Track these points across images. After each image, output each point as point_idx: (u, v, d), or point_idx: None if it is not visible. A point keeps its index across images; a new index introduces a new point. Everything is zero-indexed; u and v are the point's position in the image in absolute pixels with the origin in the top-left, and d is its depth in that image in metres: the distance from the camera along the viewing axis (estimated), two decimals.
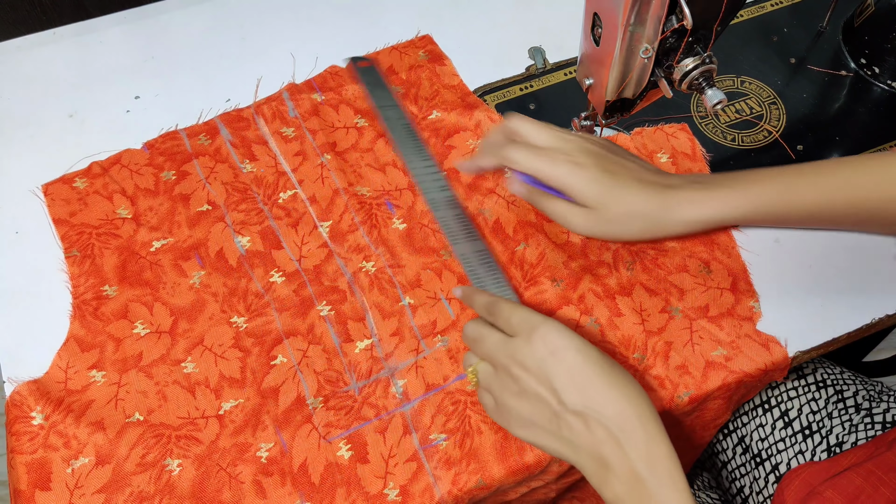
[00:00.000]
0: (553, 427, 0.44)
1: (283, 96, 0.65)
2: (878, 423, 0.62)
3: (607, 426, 0.43)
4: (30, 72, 0.67)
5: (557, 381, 0.44)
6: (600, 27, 0.49)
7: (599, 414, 0.43)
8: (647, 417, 0.43)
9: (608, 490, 0.43)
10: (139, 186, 0.59)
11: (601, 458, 0.43)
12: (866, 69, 0.69)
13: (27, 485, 0.47)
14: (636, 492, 0.42)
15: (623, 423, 0.43)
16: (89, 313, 0.53)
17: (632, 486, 0.42)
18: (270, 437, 0.50)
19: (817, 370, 0.66)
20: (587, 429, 0.43)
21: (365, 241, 0.57)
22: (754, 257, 0.57)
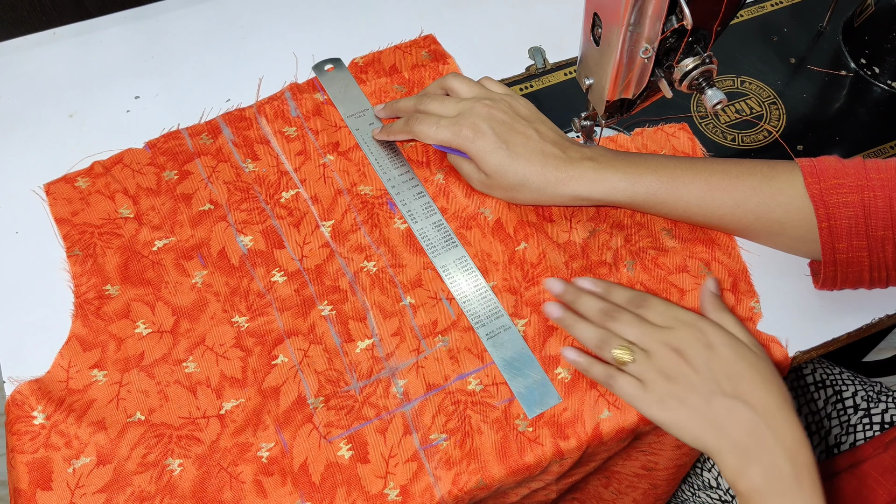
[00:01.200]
0: (703, 408, 0.45)
1: (286, 96, 0.65)
2: (877, 424, 0.62)
3: (757, 416, 0.44)
4: (30, 72, 0.67)
5: (712, 370, 0.46)
6: (600, 27, 0.49)
7: (750, 405, 0.45)
8: (793, 419, 0.45)
9: (745, 480, 0.44)
10: (141, 186, 0.59)
11: (744, 446, 0.44)
12: (866, 69, 0.69)
13: (28, 484, 0.47)
14: (776, 485, 0.43)
15: (771, 419, 0.44)
16: (91, 312, 0.53)
17: (772, 479, 0.43)
18: (271, 436, 0.50)
19: (816, 370, 0.66)
20: (736, 415, 0.45)
21: (366, 240, 0.57)
22: (754, 257, 0.57)
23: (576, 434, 0.50)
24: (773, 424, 0.44)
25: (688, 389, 0.46)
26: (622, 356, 0.48)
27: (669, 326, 0.49)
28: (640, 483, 0.62)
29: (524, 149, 0.54)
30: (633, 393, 0.48)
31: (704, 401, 0.45)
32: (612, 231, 0.58)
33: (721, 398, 0.45)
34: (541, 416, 0.51)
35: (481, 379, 0.52)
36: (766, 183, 0.52)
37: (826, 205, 0.49)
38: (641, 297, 0.51)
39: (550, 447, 0.50)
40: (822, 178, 0.50)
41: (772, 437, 0.44)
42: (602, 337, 0.49)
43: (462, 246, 0.57)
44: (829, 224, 0.49)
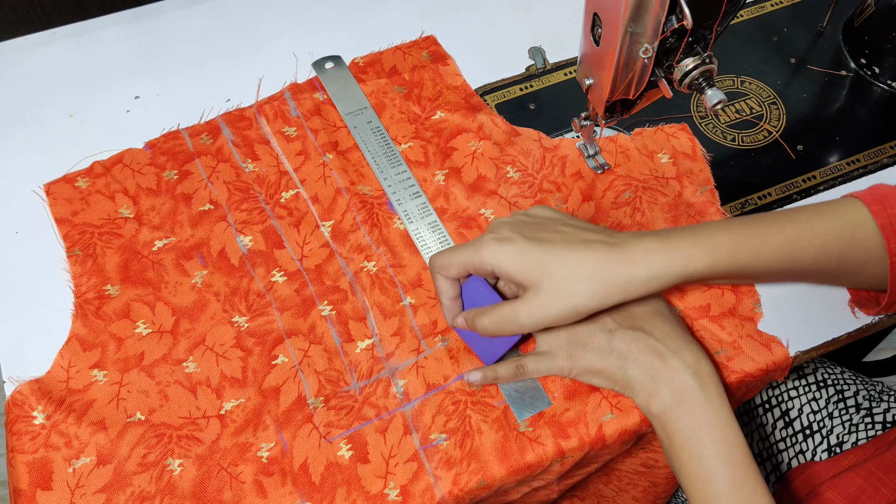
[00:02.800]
0: (604, 344, 0.49)
1: (286, 96, 0.65)
2: (879, 423, 0.62)
3: (656, 341, 0.47)
4: (30, 72, 0.67)
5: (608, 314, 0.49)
6: (600, 27, 0.49)
7: (649, 335, 0.48)
8: (688, 337, 0.48)
9: (657, 402, 0.47)
10: (141, 186, 0.59)
11: (651, 368, 0.47)
12: (866, 69, 0.69)
13: (28, 484, 0.47)
14: (686, 401, 0.46)
15: (671, 341, 0.47)
16: (91, 312, 0.53)
17: (681, 395, 0.46)
18: (271, 436, 0.50)
19: (818, 370, 0.66)
20: (638, 343, 0.48)
21: (366, 240, 0.57)
22: None
23: (577, 434, 0.50)
24: (672, 346, 0.47)
25: (587, 335, 0.49)
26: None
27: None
28: (640, 480, 0.62)
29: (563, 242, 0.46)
30: (544, 365, 0.50)
31: (606, 340, 0.49)
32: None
33: (620, 332, 0.48)
34: (541, 415, 0.51)
35: None
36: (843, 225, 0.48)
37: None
38: (518, 361, 0.51)
39: (552, 447, 0.50)
40: (889, 206, 0.47)
41: (674, 357, 0.47)
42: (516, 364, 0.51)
43: None
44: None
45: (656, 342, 0.47)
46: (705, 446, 0.45)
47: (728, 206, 0.60)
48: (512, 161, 0.61)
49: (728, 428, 0.45)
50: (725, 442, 0.45)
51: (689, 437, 0.45)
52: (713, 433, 0.45)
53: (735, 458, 0.45)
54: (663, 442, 0.48)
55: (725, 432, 0.45)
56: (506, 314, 0.46)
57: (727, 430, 0.45)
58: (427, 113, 0.64)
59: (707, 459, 0.45)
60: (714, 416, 0.45)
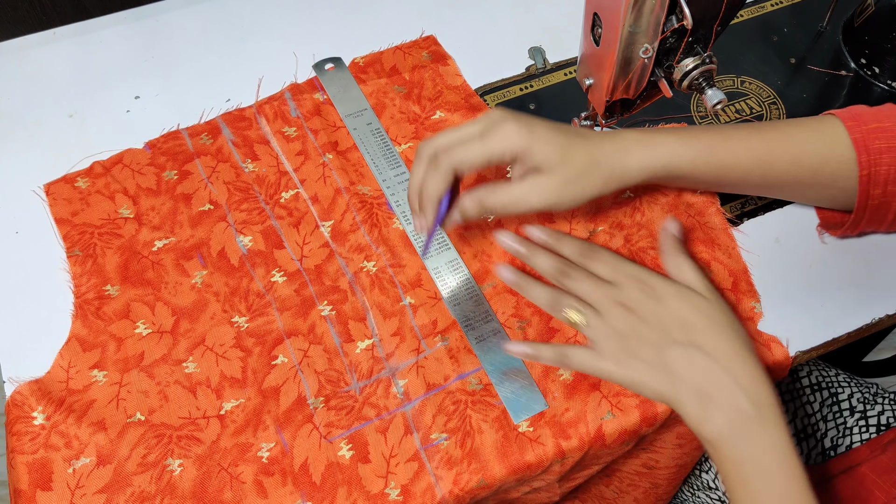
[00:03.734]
0: (657, 360, 0.45)
1: (286, 96, 0.65)
2: (873, 426, 0.62)
3: (713, 361, 0.44)
4: (30, 72, 0.67)
5: (663, 322, 0.46)
6: (600, 27, 0.49)
7: (705, 351, 0.44)
8: (751, 360, 0.44)
9: (709, 426, 0.43)
10: (141, 186, 0.59)
11: (704, 392, 0.43)
12: (866, 69, 0.69)
13: (28, 485, 0.47)
14: (740, 428, 0.42)
15: (728, 362, 0.44)
16: (91, 313, 0.53)
17: (735, 422, 0.42)
18: (271, 436, 0.50)
19: (812, 373, 0.66)
20: (692, 362, 0.44)
21: (366, 240, 0.57)
22: (755, 258, 0.57)
23: (577, 434, 0.50)
24: (730, 368, 0.44)
25: (640, 343, 0.46)
26: (573, 316, 0.48)
27: (619, 282, 0.48)
28: (641, 482, 0.62)
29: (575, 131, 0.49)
30: (589, 362, 0.48)
31: (658, 352, 0.45)
32: (612, 231, 0.58)
33: (674, 347, 0.45)
34: (542, 416, 0.51)
35: (481, 378, 0.52)
36: (818, 136, 0.49)
37: (868, 150, 0.48)
38: (591, 249, 0.50)
39: (552, 447, 0.50)
40: (863, 122, 0.49)
41: (730, 381, 0.43)
42: (554, 298, 0.49)
43: (455, 249, 0.57)
44: (868, 171, 0.48)
45: (712, 362, 0.44)
46: (760, 479, 0.41)
47: (728, 206, 0.60)
48: None
49: (787, 461, 0.41)
50: (783, 476, 0.41)
51: (744, 467, 0.42)
52: (769, 465, 0.41)
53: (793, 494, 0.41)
54: (716, 464, 0.45)
55: (783, 467, 0.41)
56: (517, 195, 0.48)
57: (785, 463, 0.41)
58: (427, 113, 0.64)
59: (762, 494, 0.41)
60: (771, 446, 0.42)
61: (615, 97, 0.53)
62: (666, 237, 0.52)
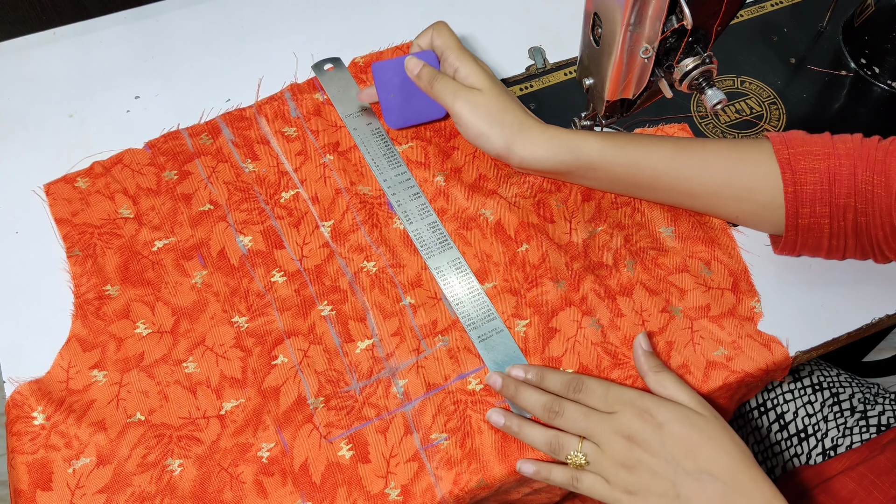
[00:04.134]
0: (671, 493, 0.45)
1: (286, 96, 0.65)
2: (873, 426, 0.62)
3: (725, 487, 0.44)
4: (30, 72, 0.67)
5: (669, 450, 0.45)
6: (600, 27, 0.49)
7: (716, 476, 0.44)
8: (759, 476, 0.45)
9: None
10: (141, 186, 0.59)
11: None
12: (866, 69, 0.69)
13: (28, 485, 0.47)
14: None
15: (739, 484, 0.44)
16: (91, 313, 0.53)
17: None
18: (271, 436, 0.50)
19: (813, 373, 0.66)
20: (705, 491, 0.44)
21: (366, 240, 0.57)
22: (755, 258, 0.57)
23: None
24: (742, 489, 0.44)
25: (650, 477, 0.45)
26: (577, 460, 0.47)
27: (613, 411, 0.47)
28: None
29: None
30: (601, 492, 0.47)
31: (671, 485, 0.45)
32: (612, 231, 0.58)
33: (686, 478, 0.44)
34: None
35: (481, 378, 0.52)
36: (734, 147, 0.53)
37: (793, 170, 0.50)
38: (578, 381, 0.49)
39: None
40: (791, 146, 0.51)
41: (742, 499, 0.44)
42: (552, 441, 0.48)
43: (457, 248, 0.57)
44: (794, 189, 0.51)
45: (725, 488, 0.44)
46: None
47: None
48: None
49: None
50: None
51: None
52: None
53: None
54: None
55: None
56: (451, 87, 0.56)
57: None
58: None
59: None
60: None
61: (615, 97, 0.53)
62: (639, 354, 0.51)
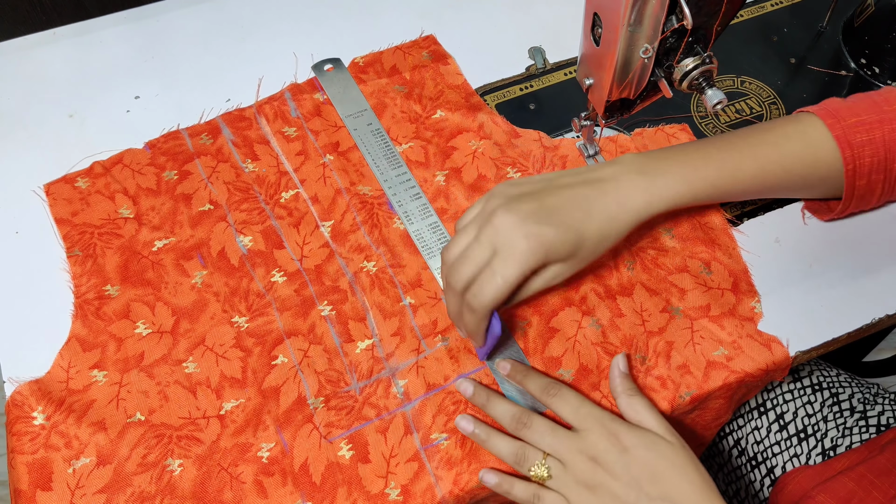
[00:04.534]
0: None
1: (286, 96, 0.65)
2: (873, 426, 0.62)
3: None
4: (30, 72, 0.67)
5: (632, 475, 0.45)
6: (600, 27, 0.49)
7: (674, 502, 0.44)
8: (719, 502, 0.45)
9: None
10: (141, 186, 0.59)
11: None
12: (866, 69, 0.69)
13: (28, 485, 0.47)
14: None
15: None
16: (91, 313, 0.53)
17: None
18: (271, 436, 0.50)
19: (813, 373, 0.66)
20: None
21: (366, 240, 0.57)
22: (754, 258, 0.57)
23: None
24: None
25: (611, 500, 0.45)
26: (540, 474, 0.47)
27: (582, 428, 0.47)
28: None
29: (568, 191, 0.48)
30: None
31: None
32: None
33: (648, 502, 0.44)
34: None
35: (481, 379, 0.52)
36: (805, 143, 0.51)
37: (851, 145, 0.51)
38: (555, 386, 0.49)
39: None
40: (841, 117, 0.51)
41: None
42: (517, 452, 0.48)
43: None
44: (853, 165, 0.51)
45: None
46: None
47: (728, 206, 0.60)
48: (512, 162, 0.61)
49: None
50: None
51: None
52: None
53: None
54: None
55: None
56: (537, 287, 0.48)
57: None
58: (427, 112, 0.64)
59: None
60: None
61: (615, 97, 0.53)
62: (615, 375, 0.50)
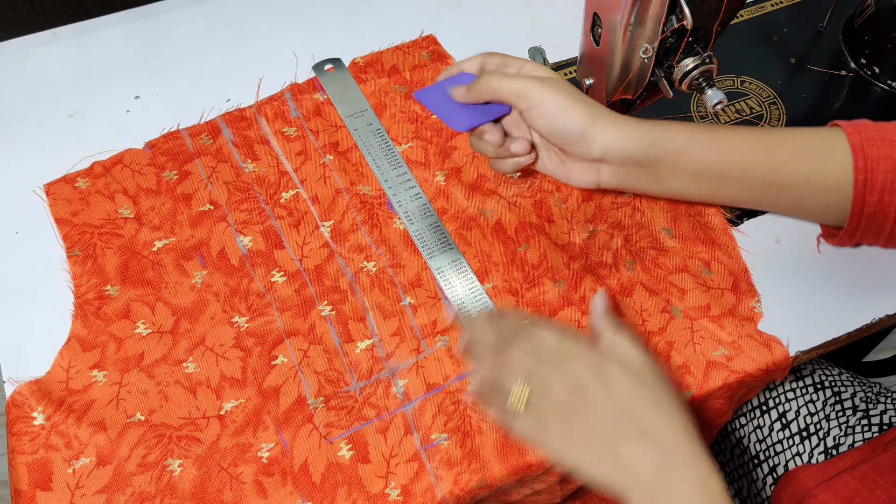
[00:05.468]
0: (606, 451, 0.43)
1: (286, 96, 0.65)
2: (875, 425, 0.62)
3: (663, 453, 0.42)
4: (30, 72, 0.67)
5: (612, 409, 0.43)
6: (600, 27, 0.49)
7: (656, 441, 0.42)
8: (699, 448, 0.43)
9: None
10: (141, 186, 0.59)
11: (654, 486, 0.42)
12: (866, 69, 0.69)
13: (28, 485, 0.47)
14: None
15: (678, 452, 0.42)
16: (91, 313, 0.53)
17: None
18: (271, 437, 0.50)
19: (815, 371, 0.66)
20: (642, 454, 0.42)
21: (366, 240, 0.57)
22: (754, 258, 0.57)
23: None
24: (680, 457, 0.42)
25: (589, 432, 0.43)
26: (520, 394, 0.45)
27: (563, 359, 0.45)
28: None
29: None
30: (532, 433, 0.45)
31: (607, 443, 0.43)
32: (612, 231, 0.58)
33: (624, 438, 0.43)
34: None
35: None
36: (819, 137, 0.50)
37: (866, 156, 0.49)
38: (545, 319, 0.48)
39: None
40: (863, 131, 0.50)
41: (681, 471, 0.42)
42: (501, 371, 0.46)
43: (458, 248, 0.57)
44: (865, 177, 0.49)
45: (663, 455, 0.42)
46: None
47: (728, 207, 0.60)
48: None
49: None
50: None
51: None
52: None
53: None
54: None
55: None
56: (514, 79, 0.51)
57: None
58: (428, 112, 0.64)
59: None
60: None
61: (615, 97, 0.53)
62: (597, 314, 0.49)
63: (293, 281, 0.55)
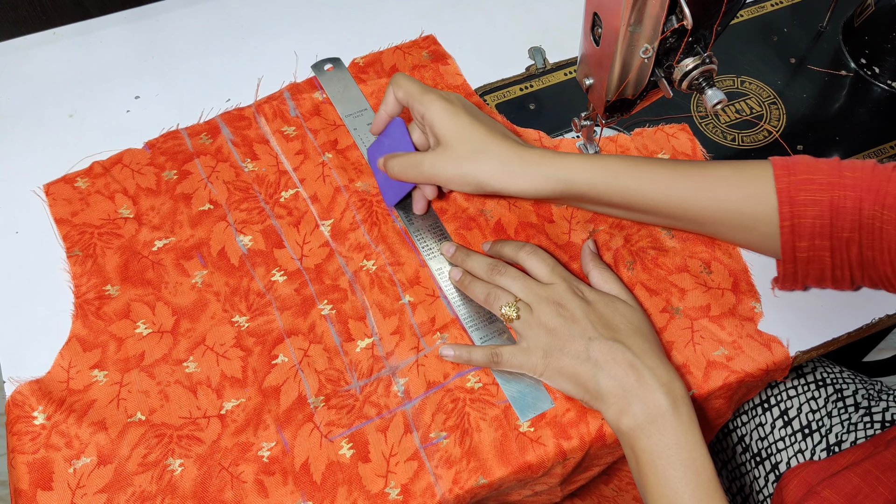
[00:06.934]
0: (583, 353, 0.49)
1: (285, 95, 0.65)
2: (878, 423, 0.62)
3: (634, 356, 0.48)
4: (30, 72, 0.67)
5: (589, 319, 0.50)
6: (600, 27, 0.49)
7: (627, 346, 0.48)
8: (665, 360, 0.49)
9: (627, 418, 0.47)
10: (141, 186, 0.59)
11: (626, 385, 0.47)
12: (866, 69, 0.69)
13: (29, 485, 0.47)
14: (657, 419, 0.46)
15: (647, 359, 0.48)
16: (91, 313, 0.53)
17: (653, 413, 0.46)
18: (272, 436, 0.50)
19: (817, 369, 0.66)
20: (615, 356, 0.48)
21: (365, 239, 0.57)
22: (755, 257, 0.57)
23: (578, 434, 0.50)
24: (648, 363, 0.47)
25: (568, 339, 0.49)
26: (509, 314, 0.51)
27: (552, 283, 0.52)
28: None
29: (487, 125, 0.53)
30: (518, 359, 0.50)
31: (584, 347, 0.49)
32: (612, 231, 0.58)
33: (600, 341, 0.48)
34: (542, 416, 0.51)
35: (480, 377, 0.52)
36: (739, 174, 0.50)
37: (792, 201, 0.48)
38: (532, 247, 0.54)
39: (553, 448, 0.50)
40: (793, 172, 0.49)
41: (649, 374, 0.47)
42: (491, 293, 0.52)
43: None
44: (791, 223, 0.48)
45: (634, 357, 0.48)
46: (672, 467, 0.45)
47: None
48: None
49: (696, 451, 0.45)
50: (693, 465, 0.45)
51: (657, 456, 0.45)
52: (681, 455, 0.45)
53: (702, 481, 0.45)
54: (630, 460, 0.48)
55: (693, 455, 0.45)
56: (413, 160, 0.53)
57: (695, 452, 0.45)
58: None
59: (673, 481, 0.45)
60: (683, 437, 0.45)
61: (615, 97, 0.53)
62: (587, 256, 0.55)
63: (293, 280, 0.55)
